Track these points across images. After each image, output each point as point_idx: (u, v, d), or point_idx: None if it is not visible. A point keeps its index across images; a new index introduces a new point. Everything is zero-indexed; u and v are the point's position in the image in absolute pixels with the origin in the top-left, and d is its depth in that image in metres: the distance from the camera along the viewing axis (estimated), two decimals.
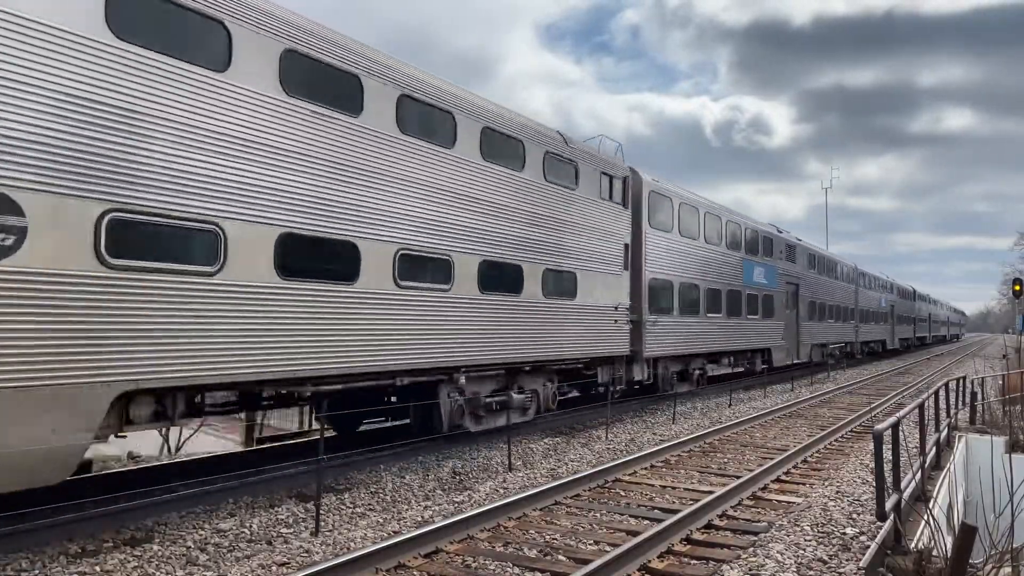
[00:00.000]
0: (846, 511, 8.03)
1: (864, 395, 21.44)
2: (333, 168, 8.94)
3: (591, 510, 8.09)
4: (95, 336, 6.49)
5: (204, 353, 7.39)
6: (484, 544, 6.81)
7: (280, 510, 7.97)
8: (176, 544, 6.74)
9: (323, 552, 6.52)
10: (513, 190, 12.22)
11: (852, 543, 6.86)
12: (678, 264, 18.22)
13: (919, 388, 23.09)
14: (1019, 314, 35.86)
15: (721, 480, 9.62)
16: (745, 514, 8.03)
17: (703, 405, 18.39)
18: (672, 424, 15.06)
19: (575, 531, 7.26)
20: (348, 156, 9.15)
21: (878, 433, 6.40)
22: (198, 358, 7.33)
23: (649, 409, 17.30)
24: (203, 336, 7.40)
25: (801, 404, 18.58)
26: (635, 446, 12.26)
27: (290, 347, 8.30)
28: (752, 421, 15.11)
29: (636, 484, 9.38)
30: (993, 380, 23.26)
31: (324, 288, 8.77)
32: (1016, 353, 29.73)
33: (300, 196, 8.50)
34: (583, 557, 6.37)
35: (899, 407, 16.19)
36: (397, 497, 8.78)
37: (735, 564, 6.29)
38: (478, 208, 11.35)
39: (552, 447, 12.22)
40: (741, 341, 22.08)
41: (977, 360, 42.41)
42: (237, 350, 7.73)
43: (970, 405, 16.00)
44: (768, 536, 7.08)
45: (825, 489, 9.18)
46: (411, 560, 6.24)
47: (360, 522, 7.64)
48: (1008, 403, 17.13)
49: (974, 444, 12.42)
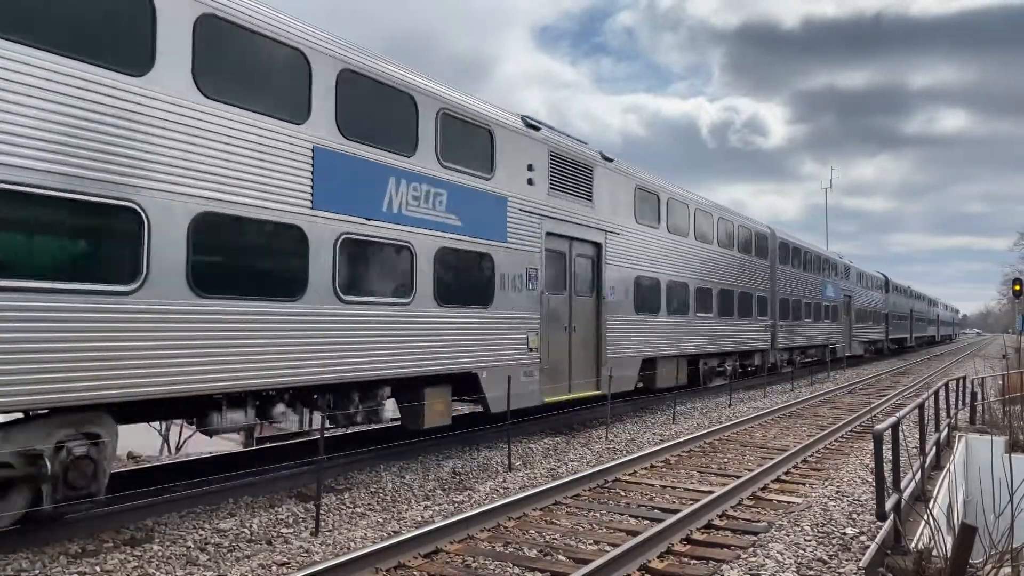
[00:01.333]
0: (846, 511, 8.03)
1: (864, 395, 21.44)
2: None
3: (591, 510, 8.10)
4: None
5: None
6: (484, 544, 6.81)
7: (280, 510, 7.97)
8: (176, 544, 6.74)
9: (323, 552, 6.52)
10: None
11: (852, 543, 6.86)
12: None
13: (919, 388, 23.10)
14: (1019, 314, 35.88)
15: (721, 480, 9.62)
16: (745, 514, 8.03)
17: (703, 405, 18.39)
18: (672, 424, 15.07)
19: (575, 531, 7.26)
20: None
21: (878, 433, 6.40)
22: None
23: (649, 409, 17.31)
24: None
25: (801, 404, 18.58)
26: (635, 446, 12.26)
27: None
28: (752, 421, 15.11)
29: (636, 484, 9.39)
30: (993, 380, 23.27)
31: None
32: (1016, 353, 29.73)
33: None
34: (583, 557, 6.37)
35: (899, 407, 16.19)
36: (397, 497, 8.78)
37: (735, 564, 6.29)
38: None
39: (552, 447, 12.22)
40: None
41: (977, 360, 42.41)
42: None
43: (970, 405, 16.01)
44: (768, 536, 7.08)
45: (825, 489, 9.18)
46: (411, 560, 6.24)
47: (360, 522, 7.64)
48: (1008, 403, 17.14)
49: (974, 444, 12.43)
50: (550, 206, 12.90)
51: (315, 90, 8.66)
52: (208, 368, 7.38)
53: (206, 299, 7.35)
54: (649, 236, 16.48)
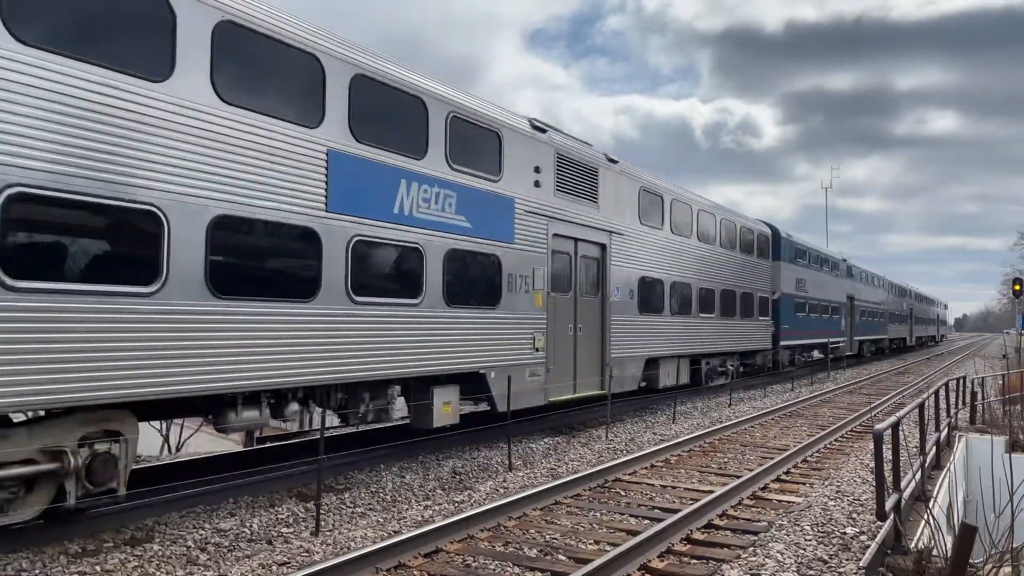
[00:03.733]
0: (846, 511, 8.03)
1: (864, 395, 21.43)
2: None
3: (591, 510, 8.09)
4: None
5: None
6: (484, 544, 6.81)
7: (280, 510, 7.97)
8: (176, 544, 6.74)
9: (323, 552, 6.52)
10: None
11: (852, 543, 6.86)
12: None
13: (919, 388, 23.10)
14: (1019, 314, 35.89)
15: (721, 480, 9.62)
16: (745, 514, 8.03)
17: (703, 404, 18.39)
18: (672, 424, 15.07)
19: (575, 530, 7.25)
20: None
21: (878, 433, 6.40)
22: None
23: (649, 409, 17.31)
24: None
25: (801, 404, 18.58)
26: (635, 446, 12.26)
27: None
28: (752, 421, 15.11)
29: (636, 484, 9.39)
30: (993, 380, 23.27)
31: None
32: (1016, 353, 29.74)
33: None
34: (583, 556, 6.37)
35: (899, 407, 16.19)
36: (397, 497, 8.78)
37: (735, 564, 6.29)
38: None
39: (552, 447, 12.22)
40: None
41: (977, 360, 42.42)
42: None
43: (970, 405, 16.00)
44: (768, 536, 7.08)
45: (825, 489, 9.18)
46: (411, 560, 6.24)
47: (360, 522, 7.64)
48: (1008, 403, 17.14)
49: (974, 444, 12.44)
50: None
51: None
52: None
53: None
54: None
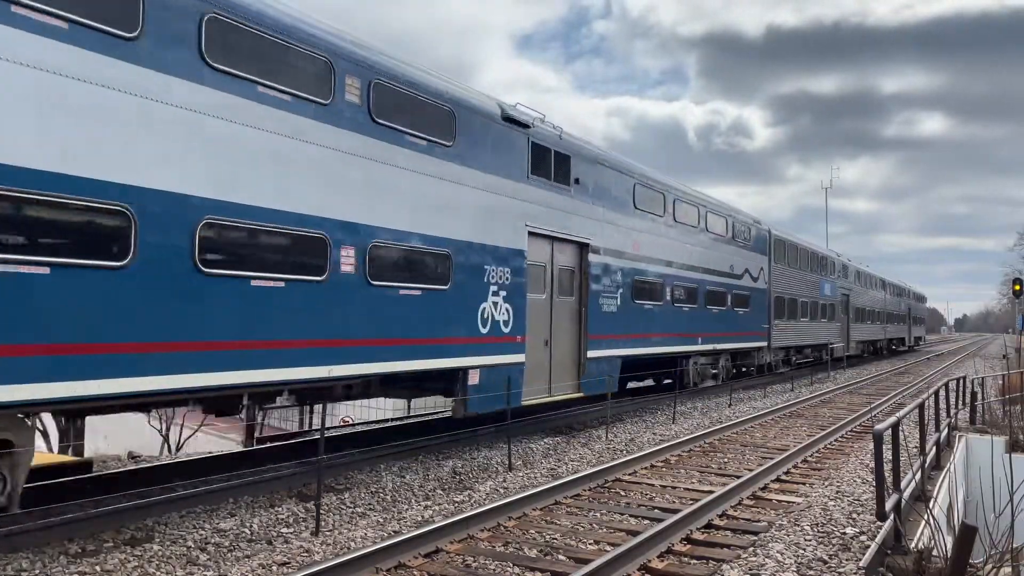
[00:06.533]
0: (846, 511, 8.03)
1: (864, 395, 21.43)
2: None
3: (591, 510, 8.10)
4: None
5: None
6: (484, 544, 6.81)
7: (280, 510, 7.97)
8: (176, 544, 6.74)
9: (323, 552, 6.52)
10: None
11: (852, 543, 6.86)
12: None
13: (919, 388, 23.10)
14: (1019, 314, 35.89)
15: (721, 480, 9.62)
16: (745, 514, 8.03)
17: (703, 405, 18.39)
18: (672, 424, 15.06)
19: (575, 531, 7.26)
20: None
21: (878, 433, 6.40)
22: None
23: (649, 409, 17.31)
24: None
25: (801, 404, 18.58)
26: (635, 446, 12.26)
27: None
28: (752, 421, 15.11)
29: (636, 484, 9.39)
30: (993, 380, 23.27)
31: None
32: (1016, 353, 29.75)
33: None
34: (583, 557, 6.37)
35: (899, 407, 16.19)
36: (397, 497, 8.79)
37: (735, 564, 6.29)
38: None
39: (552, 447, 12.22)
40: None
41: (977, 360, 42.43)
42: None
43: (970, 405, 16.00)
44: (768, 536, 7.08)
45: (825, 489, 9.18)
46: (411, 560, 6.24)
47: (360, 522, 7.64)
48: (1008, 403, 17.15)
49: (974, 444, 12.44)
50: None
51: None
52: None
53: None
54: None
